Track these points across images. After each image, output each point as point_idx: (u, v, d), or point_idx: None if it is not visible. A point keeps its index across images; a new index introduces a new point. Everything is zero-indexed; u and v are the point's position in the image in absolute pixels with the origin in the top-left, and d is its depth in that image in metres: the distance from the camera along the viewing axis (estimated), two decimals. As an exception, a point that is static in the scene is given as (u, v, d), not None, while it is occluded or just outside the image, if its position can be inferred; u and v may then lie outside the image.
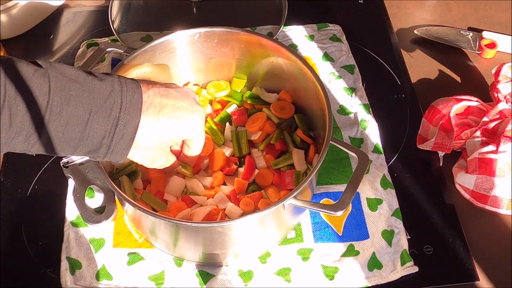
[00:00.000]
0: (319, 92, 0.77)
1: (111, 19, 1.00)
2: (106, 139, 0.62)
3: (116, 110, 0.61)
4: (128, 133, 0.63)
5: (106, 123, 0.61)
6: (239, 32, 0.83)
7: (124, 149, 0.63)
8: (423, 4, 1.10)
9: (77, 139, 0.61)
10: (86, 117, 0.60)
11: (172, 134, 0.67)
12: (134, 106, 0.63)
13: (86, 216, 0.72)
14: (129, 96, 0.63)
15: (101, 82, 0.61)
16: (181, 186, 0.80)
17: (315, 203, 0.71)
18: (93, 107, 0.60)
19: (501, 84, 0.88)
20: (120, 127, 0.62)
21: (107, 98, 0.61)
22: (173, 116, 0.66)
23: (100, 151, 0.62)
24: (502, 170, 0.80)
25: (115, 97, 0.61)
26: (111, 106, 0.61)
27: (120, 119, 0.61)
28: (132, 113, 0.62)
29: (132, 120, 0.62)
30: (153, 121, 0.65)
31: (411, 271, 0.77)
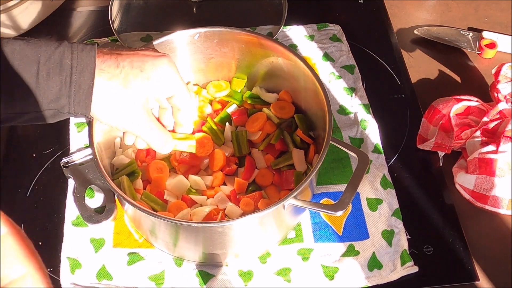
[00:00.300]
0: (319, 92, 0.77)
1: (111, 19, 1.00)
2: (64, 90, 0.60)
3: (67, 59, 0.60)
4: (85, 80, 0.61)
5: (59, 73, 0.60)
6: (239, 32, 0.83)
7: (86, 98, 0.61)
8: (423, 4, 1.10)
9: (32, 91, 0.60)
10: (35, 69, 0.59)
11: (140, 81, 0.63)
12: (86, 53, 0.61)
13: (86, 216, 0.72)
14: (81, 46, 0.61)
15: (47, 41, 0.61)
16: (183, 185, 0.80)
17: (315, 203, 0.71)
18: (40, 58, 0.59)
19: (501, 84, 0.88)
20: (75, 76, 0.60)
21: (55, 49, 0.60)
22: (135, 60, 0.64)
23: (62, 101, 0.61)
24: (502, 170, 0.80)
25: (65, 48, 0.60)
26: (61, 55, 0.60)
27: (73, 66, 0.60)
28: (86, 59, 0.61)
29: (87, 66, 0.61)
30: (113, 66, 0.62)
31: (411, 271, 0.77)
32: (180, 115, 0.72)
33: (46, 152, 0.89)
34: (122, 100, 0.64)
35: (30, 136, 0.92)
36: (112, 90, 0.63)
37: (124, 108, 0.64)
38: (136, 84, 0.64)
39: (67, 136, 0.91)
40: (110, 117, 0.65)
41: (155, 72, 0.65)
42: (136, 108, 0.65)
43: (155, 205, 0.78)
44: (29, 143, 0.91)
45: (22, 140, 0.91)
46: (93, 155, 0.72)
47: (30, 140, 0.91)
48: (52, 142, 0.90)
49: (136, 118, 0.66)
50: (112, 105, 0.64)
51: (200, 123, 0.85)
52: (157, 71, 0.65)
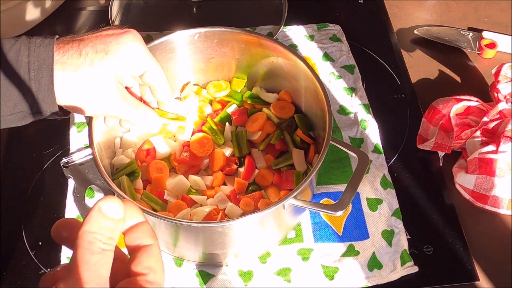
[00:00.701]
0: (319, 92, 0.77)
1: (111, 19, 1.00)
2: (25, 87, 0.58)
3: (23, 56, 0.58)
4: (44, 77, 0.58)
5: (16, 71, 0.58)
6: (239, 32, 0.83)
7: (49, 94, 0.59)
8: (423, 4, 1.10)
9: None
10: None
11: (106, 63, 0.61)
12: (44, 48, 0.59)
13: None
14: (39, 41, 0.59)
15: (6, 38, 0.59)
16: (183, 185, 0.80)
17: (315, 203, 0.71)
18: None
19: (501, 84, 0.88)
20: (33, 73, 0.58)
21: (11, 46, 0.58)
22: (97, 43, 0.61)
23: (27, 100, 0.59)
24: (502, 170, 0.80)
25: (21, 44, 0.58)
26: (17, 52, 0.58)
27: (30, 63, 0.58)
28: (43, 54, 0.58)
29: (44, 62, 0.58)
30: (75, 55, 0.60)
31: (411, 271, 0.77)
32: (158, 92, 0.69)
33: (46, 152, 0.89)
34: (91, 87, 0.61)
35: (30, 136, 0.92)
36: (80, 80, 0.60)
37: (96, 94, 0.62)
38: (103, 68, 0.61)
39: (67, 136, 0.91)
40: (84, 107, 0.62)
41: (120, 50, 0.62)
42: (108, 91, 0.62)
43: (155, 205, 0.78)
44: (29, 143, 0.91)
45: (22, 140, 0.91)
46: (93, 155, 0.72)
47: (30, 140, 0.91)
48: (52, 142, 0.90)
49: (110, 101, 0.63)
50: (83, 95, 0.61)
51: (200, 123, 0.85)
52: (122, 49, 0.62)
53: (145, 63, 0.66)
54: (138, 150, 0.82)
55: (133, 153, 0.82)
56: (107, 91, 0.62)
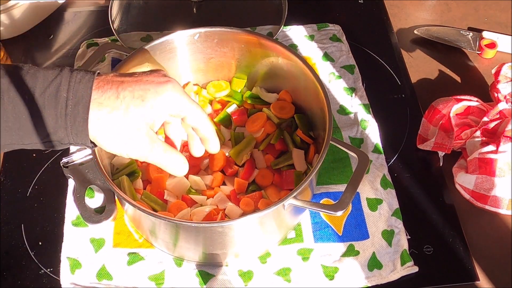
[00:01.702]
0: (319, 92, 0.77)
1: (111, 19, 1.00)
2: (60, 122, 0.59)
3: (63, 91, 0.59)
4: (80, 113, 0.59)
5: (54, 106, 0.58)
6: (239, 32, 0.83)
7: (82, 130, 0.60)
8: (423, 4, 1.10)
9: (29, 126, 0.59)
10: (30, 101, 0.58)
11: (141, 111, 0.61)
12: (84, 85, 0.59)
13: (86, 216, 0.72)
14: (80, 76, 0.60)
15: (46, 69, 0.60)
16: (183, 185, 0.80)
17: (315, 203, 0.71)
18: (36, 89, 0.58)
19: (501, 84, 0.88)
20: (69, 108, 0.59)
21: (52, 80, 0.59)
22: (136, 88, 0.61)
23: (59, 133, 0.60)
24: (502, 170, 0.80)
25: (62, 78, 0.59)
26: (57, 87, 0.59)
27: (68, 99, 0.59)
28: (82, 91, 0.59)
29: (82, 99, 0.59)
30: (113, 97, 0.60)
31: (411, 271, 0.77)
32: (201, 131, 0.69)
33: (46, 152, 0.89)
34: (123, 131, 0.62)
35: (30, 136, 0.92)
36: (114, 122, 0.61)
37: (126, 138, 0.62)
38: (138, 114, 0.61)
39: (67, 136, 0.90)
40: (113, 147, 0.63)
41: (157, 100, 0.62)
42: (138, 137, 0.63)
43: (155, 205, 0.78)
44: (29, 143, 0.91)
45: (22, 140, 0.91)
46: (93, 155, 0.72)
47: (30, 140, 0.91)
48: (52, 142, 0.90)
49: (138, 146, 0.64)
50: (113, 136, 0.62)
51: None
52: (159, 98, 0.62)
53: (183, 111, 0.65)
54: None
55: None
56: (137, 137, 0.63)
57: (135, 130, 0.62)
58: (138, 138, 0.62)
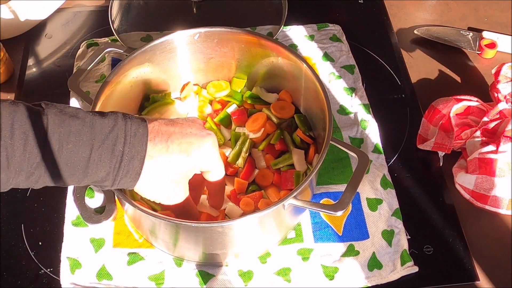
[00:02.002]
0: (319, 92, 0.77)
1: (111, 19, 1.00)
2: (111, 174, 0.60)
3: (119, 145, 0.60)
4: (134, 168, 0.61)
5: (109, 159, 0.59)
6: (239, 32, 0.83)
7: (131, 182, 0.62)
8: (423, 4, 1.10)
9: (80, 175, 0.60)
10: (87, 154, 0.59)
11: (185, 164, 0.65)
12: (139, 139, 0.61)
13: (86, 216, 0.72)
14: (134, 128, 0.61)
15: (102, 117, 0.60)
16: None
17: (315, 203, 0.71)
18: (94, 142, 0.59)
19: (501, 84, 0.88)
20: (125, 162, 0.60)
21: (109, 132, 0.59)
22: (183, 141, 0.64)
23: (106, 183, 0.62)
24: (502, 170, 0.80)
25: (118, 131, 0.60)
26: (114, 140, 0.59)
27: (124, 154, 0.60)
28: (138, 147, 0.61)
29: (138, 154, 0.61)
30: (163, 150, 0.62)
31: (411, 271, 0.77)
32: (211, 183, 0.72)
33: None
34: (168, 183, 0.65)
35: (30, 136, 0.92)
36: (161, 175, 0.63)
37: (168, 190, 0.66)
38: (181, 166, 0.64)
39: (67, 136, 0.90)
40: (152, 195, 0.66)
41: (199, 153, 0.65)
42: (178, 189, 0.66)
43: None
44: (29, 143, 0.91)
45: (22, 140, 0.91)
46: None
47: (30, 140, 0.91)
48: (52, 142, 0.90)
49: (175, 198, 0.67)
50: (158, 187, 0.65)
51: (200, 123, 0.85)
52: (201, 152, 0.65)
53: (214, 166, 0.69)
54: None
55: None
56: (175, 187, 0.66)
57: (175, 180, 0.65)
58: (175, 187, 0.66)
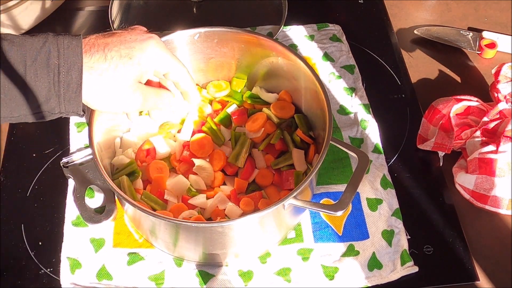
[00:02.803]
0: (319, 92, 0.77)
1: (111, 19, 1.00)
2: (52, 89, 0.60)
3: (54, 58, 0.59)
4: (74, 79, 0.60)
5: (46, 73, 0.59)
6: (239, 32, 0.83)
7: (76, 96, 0.61)
8: (423, 4, 1.10)
9: (21, 96, 0.59)
10: (22, 71, 0.58)
11: (130, 68, 0.64)
12: (73, 50, 0.60)
13: (86, 216, 0.72)
14: (66, 41, 0.60)
15: (32, 37, 0.60)
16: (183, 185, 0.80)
17: (315, 203, 0.71)
18: (26, 59, 0.58)
19: (501, 84, 0.88)
20: (62, 74, 0.59)
21: (41, 47, 0.59)
22: (122, 47, 0.63)
23: (51, 102, 0.61)
24: (502, 170, 0.80)
25: (50, 45, 0.59)
26: (47, 54, 0.59)
27: (60, 66, 0.59)
28: (72, 57, 0.60)
29: (74, 65, 0.60)
30: (101, 59, 0.62)
31: (411, 271, 0.77)
32: (182, 85, 0.73)
33: (46, 152, 0.89)
34: (116, 89, 0.64)
35: (30, 136, 0.92)
36: (106, 83, 0.63)
37: (119, 96, 0.65)
38: (126, 72, 0.64)
39: (67, 136, 0.90)
40: (108, 107, 0.65)
41: (143, 55, 0.65)
42: (130, 92, 0.65)
43: (155, 205, 0.78)
44: (29, 143, 0.91)
45: (22, 140, 0.91)
46: (93, 155, 0.72)
47: (30, 140, 0.91)
48: (52, 142, 0.90)
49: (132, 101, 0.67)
50: (108, 96, 0.64)
51: (200, 123, 0.85)
52: (145, 54, 0.65)
53: (167, 65, 0.69)
54: (138, 150, 0.82)
55: (133, 153, 0.83)
56: (129, 92, 0.66)
57: (127, 86, 0.64)
58: (130, 93, 0.65)
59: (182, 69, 0.71)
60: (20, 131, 0.92)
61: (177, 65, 0.70)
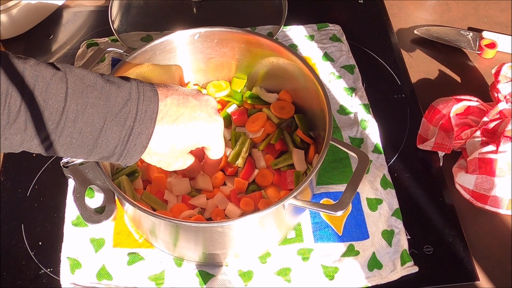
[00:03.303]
0: (319, 92, 0.77)
1: (111, 19, 1.00)
2: (119, 147, 0.62)
3: (130, 120, 0.61)
4: (141, 142, 0.63)
5: (120, 132, 0.61)
6: (239, 32, 0.83)
7: (136, 156, 0.64)
8: (423, 4, 1.10)
9: (90, 146, 0.61)
10: (100, 125, 0.60)
11: (187, 142, 0.67)
12: (149, 116, 0.62)
13: (86, 216, 0.72)
14: (145, 105, 0.62)
15: (118, 90, 0.61)
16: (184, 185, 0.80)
17: (315, 203, 0.71)
18: (108, 115, 0.60)
19: (501, 84, 0.88)
20: (133, 136, 0.62)
21: (123, 107, 0.61)
22: (189, 125, 0.66)
23: (113, 158, 0.63)
24: (502, 170, 0.80)
25: (131, 106, 0.61)
26: (126, 115, 0.61)
27: (134, 128, 0.61)
28: (147, 123, 0.62)
29: (146, 130, 0.62)
30: (168, 130, 0.64)
31: (411, 271, 0.77)
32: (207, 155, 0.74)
33: (46, 152, 0.89)
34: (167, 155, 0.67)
35: (30, 136, 0.92)
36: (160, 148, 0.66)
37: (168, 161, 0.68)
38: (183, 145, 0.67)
39: (67, 136, 0.90)
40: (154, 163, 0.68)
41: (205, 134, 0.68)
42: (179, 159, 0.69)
43: (155, 205, 0.78)
44: (29, 143, 0.91)
45: (22, 140, 0.91)
46: (93, 155, 0.72)
47: (30, 140, 0.91)
48: (52, 142, 0.90)
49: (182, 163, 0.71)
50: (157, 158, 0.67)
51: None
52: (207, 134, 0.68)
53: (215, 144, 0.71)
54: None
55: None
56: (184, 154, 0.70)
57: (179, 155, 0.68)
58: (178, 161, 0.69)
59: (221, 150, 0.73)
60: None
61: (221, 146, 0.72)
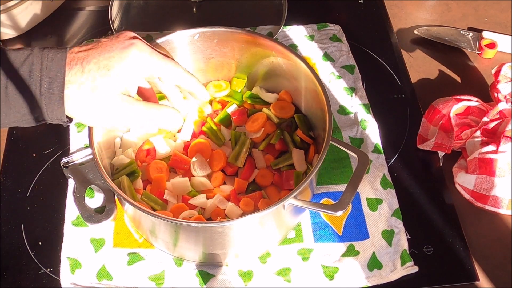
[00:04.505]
0: (319, 92, 0.77)
1: (111, 19, 1.00)
2: (35, 101, 0.60)
3: (36, 71, 0.59)
4: (55, 91, 0.60)
5: (28, 85, 0.59)
6: (239, 32, 0.83)
7: (59, 108, 0.61)
8: (423, 4, 1.10)
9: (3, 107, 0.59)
10: (3, 82, 0.58)
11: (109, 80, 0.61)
12: (56, 63, 0.60)
13: (86, 216, 0.72)
14: (51, 54, 0.60)
15: (17, 50, 0.60)
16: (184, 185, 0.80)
17: (315, 203, 0.71)
18: (9, 70, 0.58)
19: (501, 84, 0.88)
20: (44, 87, 0.59)
21: (24, 60, 0.59)
22: (101, 58, 0.61)
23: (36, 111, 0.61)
24: (502, 170, 0.80)
25: (34, 58, 0.59)
26: (30, 66, 0.59)
27: (42, 79, 0.59)
28: (55, 70, 0.60)
29: (56, 77, 0.60)
30: (78, 72, 0.61)
31: (411, 271, 0.77)
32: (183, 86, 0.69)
33: (46, 152, 0.89)
34: (96, 104, 0.62)
35: (30, 136, 0.92)
36: (84, 98, 0.61)
37: (102, 111, 0.62)
38: (105, 85, 0.61)
39: (67, 136, 0.91)
40: (93, 122, 0.64)
41: (123, 65, 0.62)
42: (114, 106, 0.62)
43: (155, 205, 0.78)
44: (29, 143, 0.91)
45: (22, 140, 0.91)
46: (93, 155, 0.72)
47: (30, 140, 0.91)
48: (52, 142, 0.90)
49: (117, 115, 0.63)
50: (90, 111, 0.62)
51: (200, 123, 0.85)
52: (125, 63, 0.62)
53: (157, 69, 0.65)
54: (138, 150, 0.82)
55: (133, 153, 0.82)
56: (113, 107, 0.62)
57: (108, 101, 0.61)
58: (114, 108, 0.62)
59: (176, 69, 0.67)
60: (20, 131, 0.92)
61: (169, 66, 0.66)
